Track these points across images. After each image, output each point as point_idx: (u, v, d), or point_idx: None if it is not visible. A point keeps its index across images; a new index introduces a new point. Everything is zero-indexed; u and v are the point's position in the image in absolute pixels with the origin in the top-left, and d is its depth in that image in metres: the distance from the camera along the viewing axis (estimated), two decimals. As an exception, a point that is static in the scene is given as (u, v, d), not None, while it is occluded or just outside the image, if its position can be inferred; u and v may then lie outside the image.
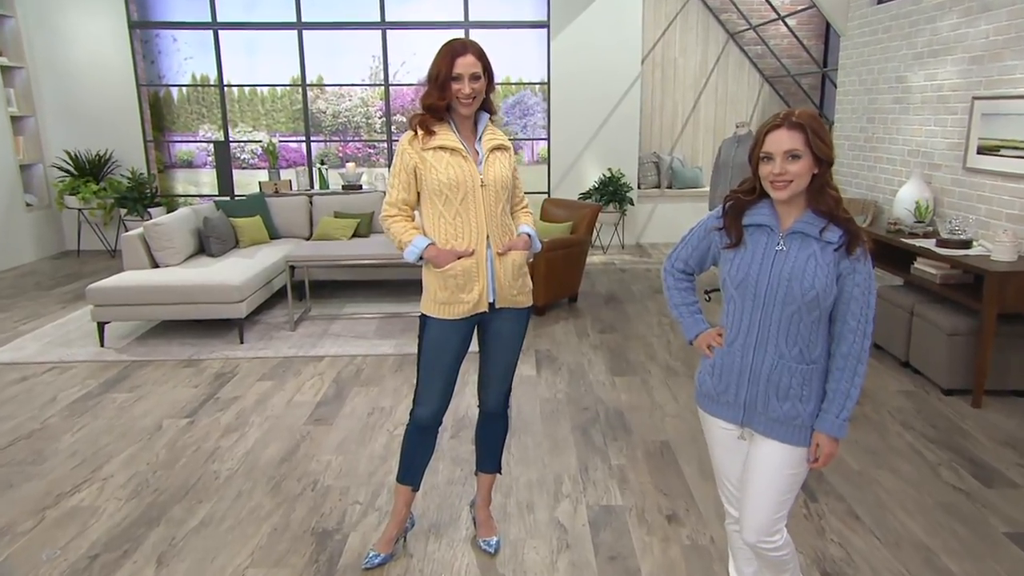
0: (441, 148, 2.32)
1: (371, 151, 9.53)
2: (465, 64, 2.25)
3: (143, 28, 8.19)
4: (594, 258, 7.94)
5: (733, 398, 1.91)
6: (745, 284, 1.82)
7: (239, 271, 5.17)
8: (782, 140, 1.72)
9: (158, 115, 8.60)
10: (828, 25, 8.44)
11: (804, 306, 1.75)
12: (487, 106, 2.42)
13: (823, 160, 1.73)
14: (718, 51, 9.02)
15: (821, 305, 1.75)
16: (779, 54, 8.73)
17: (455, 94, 2.27)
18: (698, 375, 2.02)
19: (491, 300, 2.42)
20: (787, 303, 1.77)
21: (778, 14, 8.11)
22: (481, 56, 2.30)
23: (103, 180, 8.12)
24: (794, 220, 1.79)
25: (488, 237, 2.37)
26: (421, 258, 2.39)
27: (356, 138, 9.26)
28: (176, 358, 4.78)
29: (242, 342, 5.06)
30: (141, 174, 8.10)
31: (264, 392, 4.22)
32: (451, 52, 2.26)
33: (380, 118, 8.95)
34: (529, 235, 2.50)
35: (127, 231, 6.70)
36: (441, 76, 2.25)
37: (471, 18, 8.15)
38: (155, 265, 5.39)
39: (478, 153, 2.37)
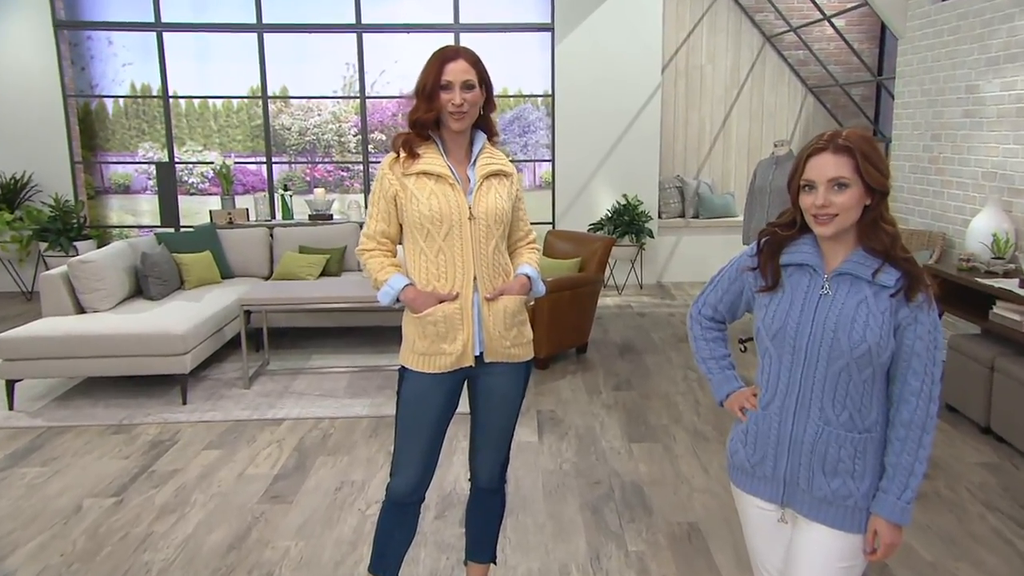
0: (425, 174, 2.36)
1: (344, 175, 9.63)
2: (456, 71, 2.30)
3: (72, 28, 8.35)
4: (607, 300, 7.96)
5: (770, 472, 1.90)
6: (783, 335, 1.83)
7: (183, 317, 5.18)
8: (826, 166, 1.74)
9: (89, 131, 8.71)
10: (883, 26, 8.62)
11: (853, 362, 1.76)
12: (486, 127, 2.47)
13: (876, 190, 1.75)
14: (752, 57, 9.19)
15: (874, 362, 1.75)
16: (825, 60, 8.90)
17: (444, 105, 2.31)
18: (729, 443, 2.02)
19: (478, 352, 2.44)
20: (833, 358, 1.77)
21: (823, 14, 8.29)
22: (476, 64, 2.35)
23: (19, 208, 8.17)
24: (842, 259, 1.80)
25: (475, 279, 2.39)
26: (398, 301, 2.42)
27: (326, 159, 9.37)
28: (103, 423, 4.75)
29: (185, 403, 5.04)
30: (67, 201, 8.16)
31: (210, 464, 4.19)
32: (440, 58, 2.32)
33: (355, 136, 9.07)
34: (529, 277, 2.52)
35: (48, 269, 6.73)
36: (429, 85, 2.30)
37: (462, 20, 8.34)
38: (81, 310, 5.39)
39: (469, 180, 2.41)
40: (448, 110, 2.31)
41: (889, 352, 1.76)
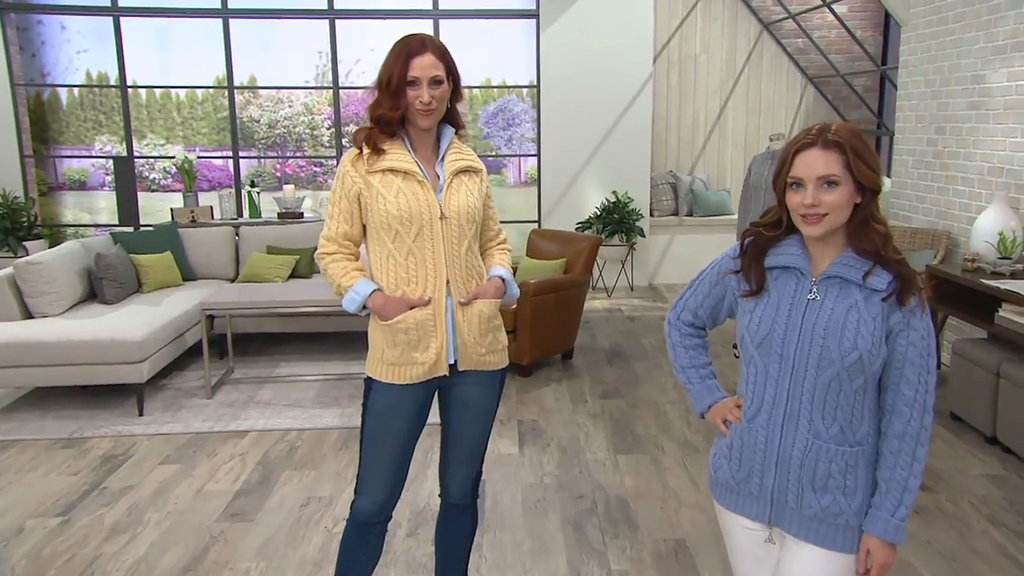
0: (391, 171, 2.34)
1: (316, 170, 9.61)
2: (423, 66, 2.28)
3: (19, 12, 8.26)
4: (595, 303, 7.97)
5: (757, 489, 1.89)
6: (768, 342, 1.82)
7: (140, 322, 5.14)
8: (815, 163, 1.73)
9: (41, 123, 8.64)
10: (886, 13, 8.66)
11: (844, 371, 1.75)
12: (453, 119, 2.46)
13: (867, 188, 1.74)
14: (749, 46, 9.22)
15: (867, 370, 1.75)
16: (826, 49, 8.94)
17: (411, 102, 2.30)
18: (712, 458, 2.01)
19: (452, 361, 2.42)
20: (822, 367, 1.77)
21: (823, 0, 8.33)
22: (443, 56, 2.33)
23: (-36, 206, 8.09)
24: (830, 262, 1.80)
25: (448, 282, 2.38)
26: (364, 308, 2.40)
27: (297, 153, 9.34)
28: (51, 436, 4.71)
29: (141, 414, 5.01)
30: (16, 198, 8.07)
31: (166, 479, 4.15)
32: (406, 51, 2.30)
33: (328, 129, 9.05)
34: (503, 279, 2.51)
35: (-4, 271, 6.67)
36: (394, 81, 2.29)
37: (442, 5, 8.32)
38: (29, 315, 5.34)
39: (439, 177, 2.40)
40: (415, 107, 2.30)
41: (881, 360, 1.76)
